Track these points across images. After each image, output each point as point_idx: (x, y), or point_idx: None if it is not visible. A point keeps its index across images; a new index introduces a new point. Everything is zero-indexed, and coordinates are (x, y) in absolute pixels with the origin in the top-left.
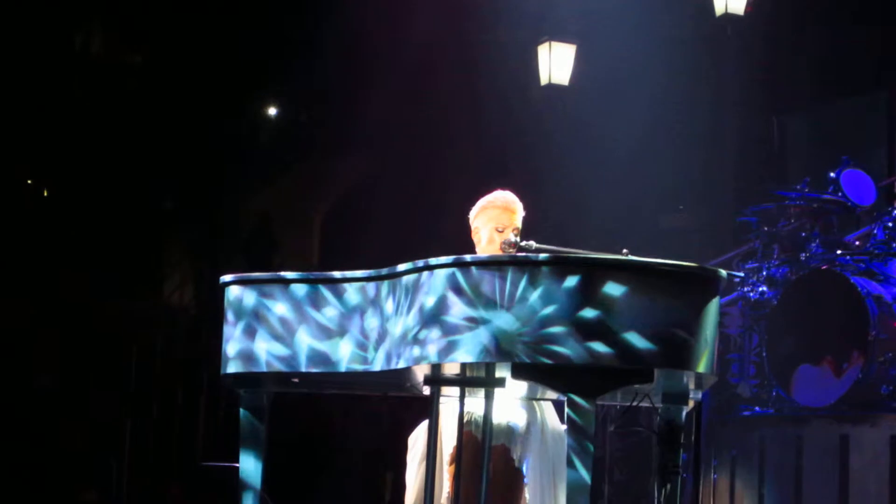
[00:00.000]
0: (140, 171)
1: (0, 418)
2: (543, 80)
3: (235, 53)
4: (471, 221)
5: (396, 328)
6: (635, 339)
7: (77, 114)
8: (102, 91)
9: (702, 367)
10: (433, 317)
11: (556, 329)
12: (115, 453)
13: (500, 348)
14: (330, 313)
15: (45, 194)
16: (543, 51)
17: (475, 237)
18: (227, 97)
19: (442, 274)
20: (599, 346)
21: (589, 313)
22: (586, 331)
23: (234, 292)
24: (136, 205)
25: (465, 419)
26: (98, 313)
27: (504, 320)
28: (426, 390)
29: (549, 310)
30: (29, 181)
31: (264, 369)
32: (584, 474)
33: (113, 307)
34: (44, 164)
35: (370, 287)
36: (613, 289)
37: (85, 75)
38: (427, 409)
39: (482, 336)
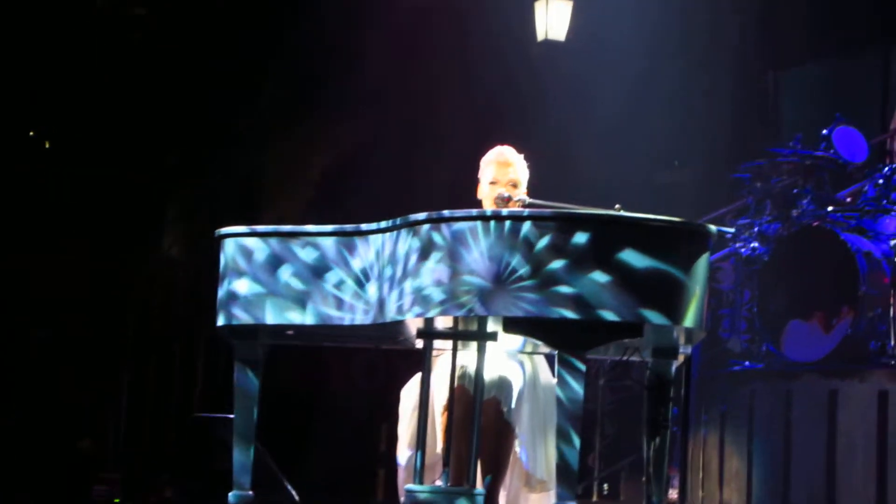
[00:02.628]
0: (141, 124)
1: None
2: (540, 36)
3: (238, 18)
4: (480, 175)
5: (386, 282)
6: (625, 294)
7: (80, 66)
8: (105, 44)
9: (691, 322)
10: (418, 271)
11: (545, 283)
12: (113, 405)
13: (489, 303)
14: (322, 267)
15: (47, 146)
16: (540, 7)
17: (479, 192)
18: (228, 59)
19: (424, 229)
20: (588, 301)
21: (577, 268)
22: (575, 285)
23: (229, 245)
24: (137, 160)
25: (458, 372)
26: (96, 266)
27: (491, 275)
28: (418, 343)
29: (535, 264)
30: (31, 133)
31: (256, 321)
32: (574, 428)
33: (111, 261)
34: (46, 116)
35: (360, 241)
36: (598, 242)
37: (88, 27)
38: (420, 361)
39: (472, 290)
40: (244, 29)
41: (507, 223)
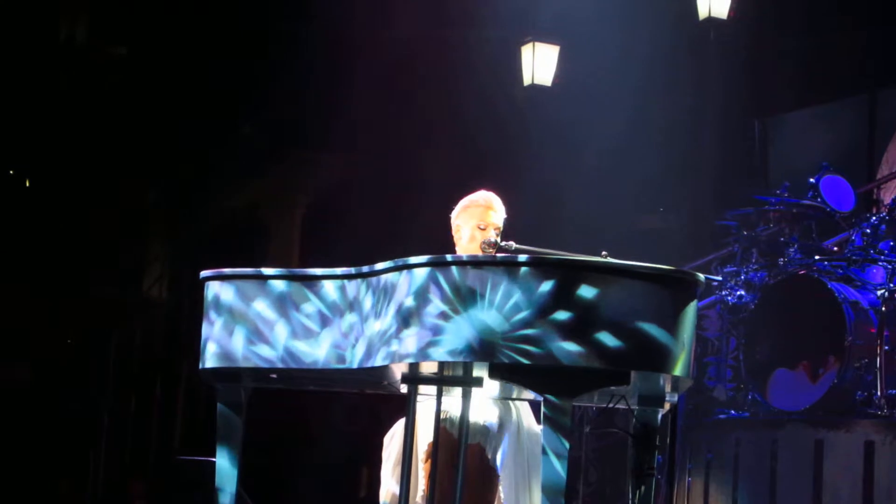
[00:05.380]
0: (122, 164)
1: None
2: (526, 81)
3: (218, 52)
4: (452, 220)
5: (375, 326)
6: (612, 342)
7: (61, 105)
8: (86, 83)
9: (678, 371)
10: (411, 315)
11: (534, 330)
12: (93, 446)
13: (478, 348)
14: (308, 310)
15: (27, 185)
16: (527, 51)
17: (456, 236)
18: (208, 95)
19: (421, 273)
20: (576, 348)
21: (566, 315)
22: (564, 332)
23: (213, 287)
24: (116, 198)
25: (442, 416)
26: (76, 306)
27: (481, 320)
28: (403, 389)
29: (527, 311)
30: (11, 171)
31: (242, 365)
32: (560, 474)
33: (92, 300)
34: (26, 154)
35: (349, 285)
36: (591, 291)
37: (69, 67)
38: (404, 405)
39: (460, 335)
40: (224, 67)
41: (502, 269)
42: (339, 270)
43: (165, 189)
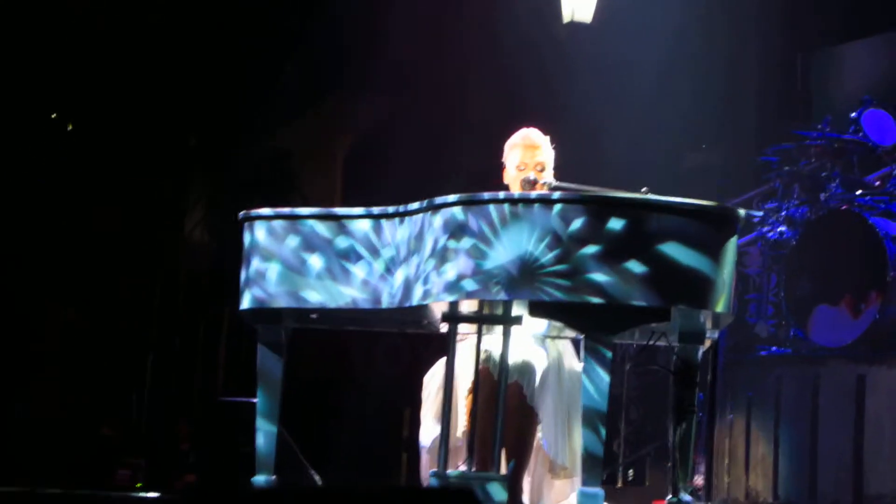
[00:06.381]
0: (163, 106)
1: (21, 352)
2: (566, 18)
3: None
4: (504, 160)
5: (413, 265)
6: (650, 277)
7: (101, 47)
8: (126, 25)
9: (719, 307)
10: (447, 253)
11: (573, 267)
12: (137, 388)
13: (513, 284)
14: (345, 249)
15: (70, 128)
16: None
17: (506, 176)
18: (250, 38)
19: (456, 211)
20: (616, 285)
21: (605, 251)
22: (602, 269)
23: (254, 227)
24: (159, 140)
25: (482, 355)
26: (120, 248)
27: (516, 256)
28: (443, 327)
29: (561, 247)
30: (53, 115)
31: (281, 304)
32: (600, 413)
33: (135, 242)
34: (68, 98)
35: (386, 224)
36: (630, 227)
37: (109, 8)
38: (444, 347)
39: (495, 272)
40: (266, 9)
41: (536, 206)
42: (376, 210)
43: (207, 132)
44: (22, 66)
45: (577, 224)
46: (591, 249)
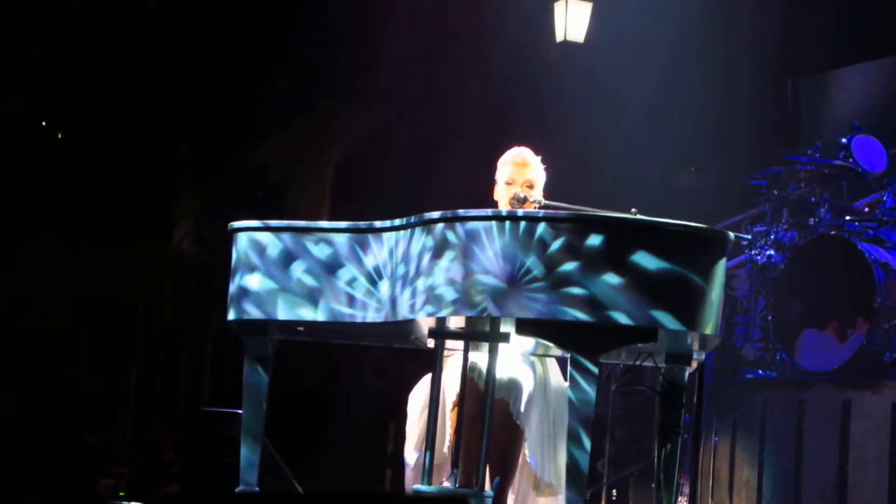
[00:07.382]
0: (153, 115)
1: (6, 360)
2: (559, 38)
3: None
4: (495, 177)
5: (399, 280)
6: (639, 297)
7: (93, 56)
8: (119, 33)
9: (707, 329)
10: (434, 270)
11: (560, 286)
12: (121, 398)
13: (502, 303)
14: (334, 264)
15: (59, 137)
16: (560, 7)
17: (496, 192)
18: (238, 47)
19: (437, 228)
20: (602, 303)
21: (589, 269)
22: (587, 286)
23: (242, 239)
24: (148, 150)
25: (469, 366)
26: (107, 257)
27: (505, 275)
28: (430, 343)
29: (549, 265)
30: (43, 123)
31: (267, 316)
32: (585, 432)
33: (123, 251)
34: (58, 106)
35: (373, 238)
36: (616, 246)
37: (101, 16)
38: (431, 362)
39: (485, 290)
40: (257, 19)
41: (523, 223)
42: (362, 224)
43: (197, 141)
44: (14, 76)
45: (562, 241)
46: (574, 266)
